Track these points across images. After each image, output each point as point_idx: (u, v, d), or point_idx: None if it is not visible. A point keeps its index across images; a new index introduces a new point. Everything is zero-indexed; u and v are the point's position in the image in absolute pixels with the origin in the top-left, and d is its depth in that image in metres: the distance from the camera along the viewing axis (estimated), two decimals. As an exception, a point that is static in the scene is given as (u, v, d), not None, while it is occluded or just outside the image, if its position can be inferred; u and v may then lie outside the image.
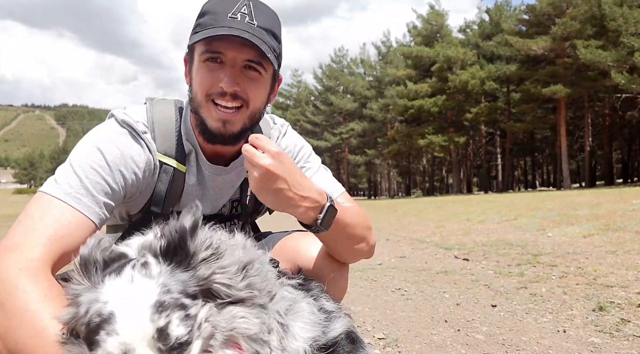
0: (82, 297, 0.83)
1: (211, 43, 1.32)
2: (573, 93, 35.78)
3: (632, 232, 6.28)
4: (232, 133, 1.41)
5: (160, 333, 0.78)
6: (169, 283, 0.83)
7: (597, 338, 2.52)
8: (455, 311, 3.29)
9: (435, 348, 2.54)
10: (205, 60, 1.35)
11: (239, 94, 1.35)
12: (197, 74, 1.38)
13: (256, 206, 1.76)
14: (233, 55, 1.33)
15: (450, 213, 13.65)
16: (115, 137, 1.37)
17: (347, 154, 59.05)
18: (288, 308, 1.06)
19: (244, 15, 1.33)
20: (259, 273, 0.98)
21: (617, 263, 4.51)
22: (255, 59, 1.34)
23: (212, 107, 1.37)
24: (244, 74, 1.36)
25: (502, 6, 46.53)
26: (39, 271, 1.09)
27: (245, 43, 1.30)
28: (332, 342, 1.09)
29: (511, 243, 6.50)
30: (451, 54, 42.10)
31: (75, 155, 1.32)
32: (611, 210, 9.36)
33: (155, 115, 1.47)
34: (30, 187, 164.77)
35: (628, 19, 28.69)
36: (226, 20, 1.31)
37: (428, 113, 44.03)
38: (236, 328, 0.88)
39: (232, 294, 0.89)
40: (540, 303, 3.31)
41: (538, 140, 54.01)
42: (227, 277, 0.89)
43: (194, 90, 1.40)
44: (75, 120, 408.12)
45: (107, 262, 0.87)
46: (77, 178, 1.26)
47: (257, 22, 1.34)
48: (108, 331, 0.77)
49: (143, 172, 1.40)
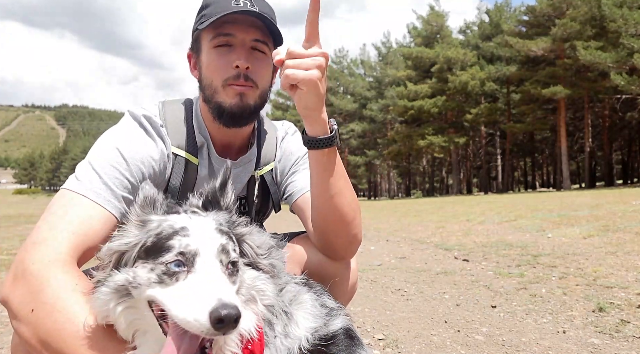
0: (152, 218, 0.97)
1: (221, 26, 1.42)
2: (573, 94, 35.84)
3: (632, 233, 6.28)
4: (249, 106, 1.48)
5: (223, 248, 0.91)
6: (219, 218, 1.00)
7: (597, 339, 2.52)
8: (455, 311, 3.29)
9: (435, 348, 2.54)
10: (216, 45, 1.44)
11: (250, 75, 1.45)
12: (210, 61, 1.46)
13: (262, 205, 1.78)
14: (242, 36, 1.44)
15: (450, 214, 13.65)
16: (131, 133, 1.44)
17: (347, 155, 59.04)
18: (292, 298, 1.13)
19: (246, 2, 1.43)
20: (280, 258, 1.12)
21: (617, 264, 4.52)
22: (261, 39, 1.46)
23: (229, 88, 1.45)
24: (253, 55, 1.46)
25: (502, 7, 46.58)
26: (67, 263, 1.13)
27: (252, 24, 1.42)
28: (331, 334, 1.13)
29: (511, 244, 6.50)
30: (451, 54, 42.14)
31: (94, 153, 1.37)
32: (611, 211, 9.37)
33: (167, 112, 1.55)
34: (30, 187, 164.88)
35: (628, 20, 28.71)
36: (230, 6, 1.41)
37: (428, 114, 44.07)
38: (257, 286, 0.98)
39: (257, 260, 1.00)
40: (540, 304, 3.31)
41: (538, 141, 54.03)
42: (257, 245, 1.02)
43: (208, 77, 1.47)
44: (75, 121, 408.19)
45: (165, 207, 1.03)
46: (97, 174, 1.30)
47: (258, 7, 1.43)
48: (182, 235, 0.90)
49: (158, 164, 1.46)
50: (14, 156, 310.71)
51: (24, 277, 1.10)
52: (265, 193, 1.74)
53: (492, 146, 51.76)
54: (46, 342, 1.03)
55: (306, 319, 1.11)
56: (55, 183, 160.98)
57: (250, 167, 1.67)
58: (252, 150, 1.65)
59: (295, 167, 1.69)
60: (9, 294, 1.10)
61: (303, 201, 1.61)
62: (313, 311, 1.14)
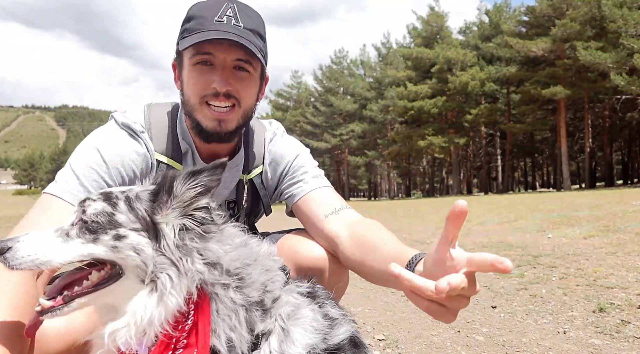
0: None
1: (200, 46, 1.35)
2: (573, 94, 35.84)
3: (632, 233, 6.28)
4: (228, 131, 1.45)
5: (80, 205, 1.01)
6: (134, 189, 1.04)
7: (597, 339, 2.52)
8: (455, 312, 3.28)
9: (436, 349, 2.54)
10: (196, 63, 1.39)
11: (231, 93, 1.40)
12: (189, 78, 1.42)
13: (253, 208, 1.76)
14: (223, 56, 1.37)
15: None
16: (113, 137, 1.43)
17: (347, 155, 59.04)
18: (291, 313, 1.08)
19: (230, 17, 1.37)
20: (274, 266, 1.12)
21: (617, 264, 4.51)
22: (244, 58, 1.39)
23: (207, 108, 1.41)
24: (235, 74, 1.41)
25: (501, 7, 46.57)
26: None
27: (233, 44, 1.34)
28: (334, 347, 1.10)
29: (511, 244, 6.50)
30: (451, 55, 42.14)
31: (75, 156, 1.38)
32: (611, 211, 9.36)
33: (152, 117, 1.52)
34: (30, 188, 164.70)
35: (628, 20, 28.71)
36: (213, 24, 1.35)
37: (428, 114, 44.06)
38: (158, 277, 0.95)
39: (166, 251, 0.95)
40: (541, 305, 3.31)
41: (538, 142, 54.02)
42: (177, 238, 0.97)
43: (187, 94, 1.44)
44: (75, 121, 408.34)
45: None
46: (75, 176, 1.32)
47: (243, 24, 1.38)
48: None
49: (141, 169, 1.44)
50: (14, 157, 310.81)
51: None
52: (255, 196, 1.72)
53: (492, 146, 51.75)
54: None
55: (304, 336, 1.07)
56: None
57: (238, 172, 1.64)
58: (239, 154, 1.62)
59: (290, 175, 1.66)
60: None
61: (304, 205, 1.60)
62: (313, 325, 1.09)
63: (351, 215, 1.55)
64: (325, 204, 1.58)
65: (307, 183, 1.63)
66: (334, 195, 1.63)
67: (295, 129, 59.06)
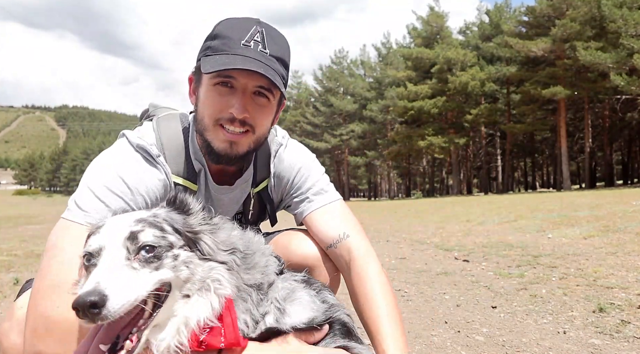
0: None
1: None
2: (573, 94, 35.83)
3: (632, 233, 6.28)
4: (238, 154, 1.41)
5: (131, 236, 0.95)
6: (160, 213, 1.06)
7: (597, 339, 2.52)
8: (455, 312, 3.29)
9: (436, 349, 2.54)
10: (216, 84, 1.34)
11: (247, 121, 1.36)
12: (207, 97, 1.37)
13: (259, 218, 1.78)
14: (245, 81, 1.33)
15: (450, 215, 13.65)
16: (133, 162, 1.37)
17: (347, 155, 59.05)
18: (286, 296, 1.14)
19: (257, 43, 1.33)
20: (264, 253, 1.18)
21: (617, 264, 4.51)
22: (266, 86, 1.35)
23: (220, 130, 1.37)
24: (254, 100, 1.37)
25: (502, 8, 46.59)
26: None
27: (257, 72, 1.30)
28: (329, 318, 1.17)
29: (511, 244, 6.50)
30: (451, 55, 42.15)
31: (96, 181, 1.30)
32: (611, 211, 9.36)
33: (162, 135, 1.47)
34: (30, 188, 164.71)
35: (628, 20, 28.72)
36: (239, 48, 1.31)
37: (428, 114, 44.07)
38: (212, 276, 1.01)
39: (213, 255, 1.04)
40: (541, 305, 3.31)
41: (538, 142, 54.02)
42: (213, 241, 1.06)
43: (201, 113, 1.40)
44: (75, 122, 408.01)
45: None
46: (102, 204, 1.26)
47: (270, 51, 1.34)
48: (95, 234, 0.99)
49: (161, 194, 1.41)
50: (14, 157, 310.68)
51: (49, 329, 1.08)
52: (262, 208, 1.73)
53: (492, 146, 51.75)
54: None
55: (301, 313, 1.13)
56: (55, 184, 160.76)
57: (248, 187, 1.63)
58: (248, 170, 1.61)
59: (295, 191, 1.65)
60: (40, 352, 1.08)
61: (306, 225, 1.63)
62: (311, 305, 1.15)
63: (349, 249, 1.53)
64: (328, 229, 1.57)
65: (311, 201, 1.62)
66: (337, 216, 1.60)
67: (295, 129, 59.10)
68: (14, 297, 4.19)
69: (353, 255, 1.50)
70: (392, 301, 1.41)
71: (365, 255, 1.51)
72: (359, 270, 1.47)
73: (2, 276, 5.19)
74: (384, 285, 1.44)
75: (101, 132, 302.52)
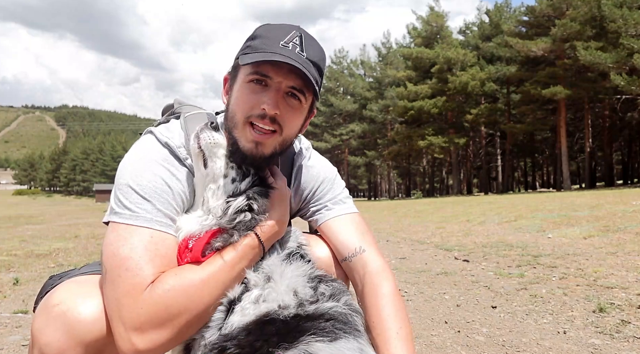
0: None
1: (260, 65, 1.33)
2: (573, 94, 35.83)
3: (632, 233, 6.28)
4: (263, 155, 1.40)
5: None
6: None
7: (597, 339, 2.52)
8: (455, 312, 3.29)
9: (436, 349, 2.54)
10: (250, 81, 1.35)
11: (277, 119, 1.35)
12: (240, 94, 1.38)
13: None
14: (280, 80, 1.33)
15: (450, 215, 13.65)
16: (167, 161, 1.38)
17: (347, 155, 59.06)
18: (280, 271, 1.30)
19: (295, 45, 1.34)
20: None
21: (617, 264, 4.51)
22: (299, 87, 1.35)
23: (249, 129, 1.36)
24: (286, 100, 1.37)
25: (502, 7, 46.60)
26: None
27: (293, 70, 1.31)
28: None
29: (511, 244, 6.50)
30: (451, 55, 42.15)
31: (136, 180, 1.31)
32: (611, 211, 9.36)
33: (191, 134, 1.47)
34: (30, 188, 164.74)
35: (628, 20, 28.72)
36: (277, 47, 1.32)
37: (428, 114, 44.08)
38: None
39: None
40: (541, 304, 3.31)
41: (538, 142, 54.03)
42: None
43: (233, 109, 1.40)
44: (75, 122, 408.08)
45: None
46: (149, 203, 1.27)
47: (307, 54, 1.35)
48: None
49: (191, 195, 1.41)
50: (14, 157, 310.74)
51: (152, 318, 1.15)
52: None
53: (492, 146, 51.76)
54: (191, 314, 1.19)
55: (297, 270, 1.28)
56: (55, 184, 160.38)
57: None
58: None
59: (314, 202, 1.66)
60: (148, 342, 1.14)
61: (328, 227, 1.61)
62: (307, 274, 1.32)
63: (365, 264, 1.53)
64: (344, 240, 1.57)
65: (330, 209, 1.63)
66: (354, 229, 1.61)
67: (295, 129, 59.04)
68: (14, 297, 4.19)
69: (368, 270, 1.49)
70: (404, 321, 1.40)
71: (381, 271, 1.49)
72: (372, 287, 1.46)
73: (2, 276, 5.18)
74: (397, 304, 1.43)
75: (101, 132, 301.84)
